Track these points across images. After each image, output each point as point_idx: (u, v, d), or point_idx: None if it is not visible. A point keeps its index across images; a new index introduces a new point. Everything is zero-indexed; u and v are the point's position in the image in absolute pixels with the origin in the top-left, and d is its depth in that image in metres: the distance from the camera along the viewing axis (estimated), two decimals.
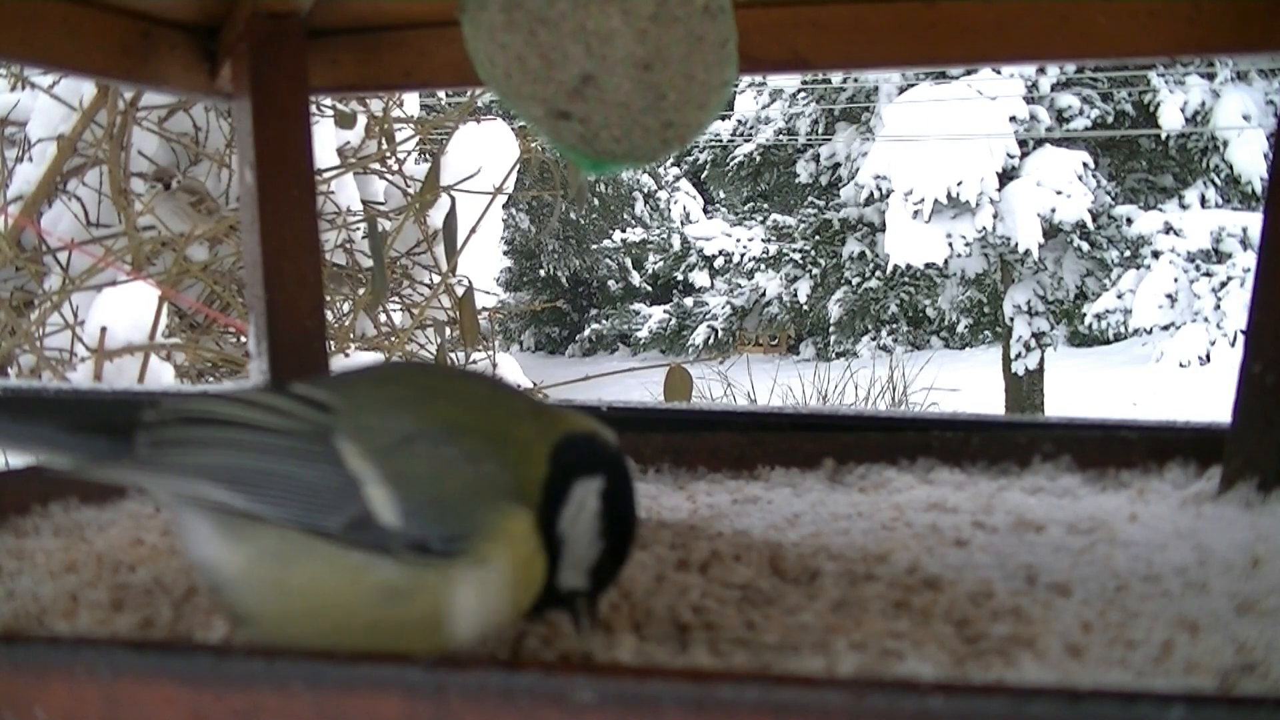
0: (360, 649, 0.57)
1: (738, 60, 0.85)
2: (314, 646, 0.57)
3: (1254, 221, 9.12)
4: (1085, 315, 10.44)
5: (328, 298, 2.99)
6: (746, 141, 12.95)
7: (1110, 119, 10.60)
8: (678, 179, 16.07)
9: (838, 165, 11.94)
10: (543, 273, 16.59)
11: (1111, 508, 0.97)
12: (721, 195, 15.78)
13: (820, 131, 12.34)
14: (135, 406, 0.64)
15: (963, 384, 9.05)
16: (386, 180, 3.41)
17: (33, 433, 0.63)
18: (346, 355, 3.01)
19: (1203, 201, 10.73)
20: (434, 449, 0.60)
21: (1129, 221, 10.22)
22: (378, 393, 0.65)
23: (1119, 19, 1.08)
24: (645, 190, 15.99)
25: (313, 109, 1.41)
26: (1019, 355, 10.34)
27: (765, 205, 13.45)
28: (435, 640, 0.60)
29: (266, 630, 0.60)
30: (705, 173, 14.40)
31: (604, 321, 16.66)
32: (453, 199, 2.92)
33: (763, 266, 12.14)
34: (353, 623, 0.59)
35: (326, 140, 3.07)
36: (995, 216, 9.78)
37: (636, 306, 16.10)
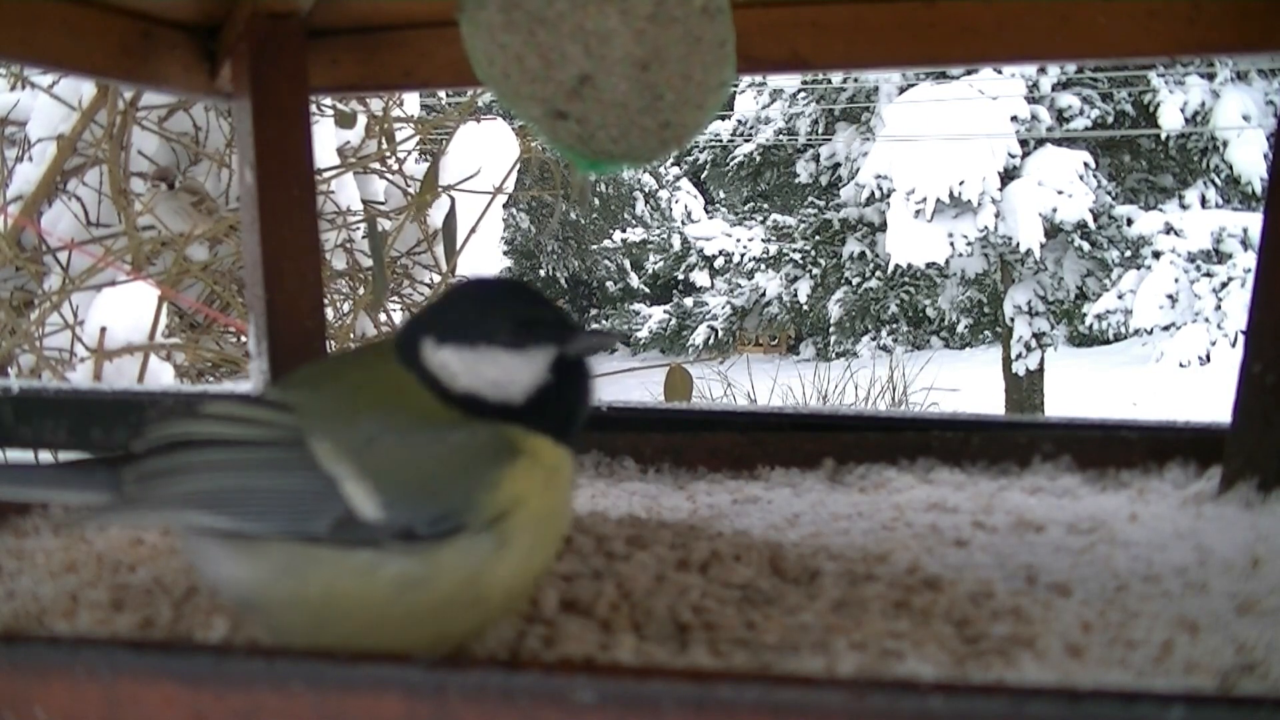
0: (409, 644, 0.57)
1: (736, 61, 0.85)
2: (319, 646, 0.58)
3: (1254, 222, 9.11)
4: (1086, 315, 10.44)
5: (327, 298, 3.00)
6: (746, 141, 12.95)
7: (1110, 119, 10.60)
8: (678, 179, 16.07)
9: (838, 165, 11.93)
10: (542, 273, 16.59)
11: (1111, 508, 0.97)
12: (721, 195, 15.78)
13: (820, 131, 12.33)
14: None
15: (963, 384, 9.05)
16: (386, 180, 3.41)
17: (32, 493, 0.71)
18: None
19: (1203, 202, 10.72)
20: (400, 438, 0.60)
21: (1129, 222, 10.22)
22: (331, 388, 0.65)
23: (1119, 19, 1.08)
24: (646, 190, 16.00)
25: (313, 109, 1.41)
26: (1019, 355, 10.34)
27: (765, 205, 13.45)
28: (483, 611, 0.60)
29: (307, 642, 0.60)
30: (705, 173, 14.39)
31: (604, 322, 16.64)
32: (452, 199, 2.92)
33: (763, 266, 12.14)
34: (384, 619, 0.59)
35: (326, 140, 3.07)
36: (997, 216, 9.78)
37: (636, 307, 16.10)
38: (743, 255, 12.23)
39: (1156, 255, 9.95)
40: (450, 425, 0.61)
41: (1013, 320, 10.39)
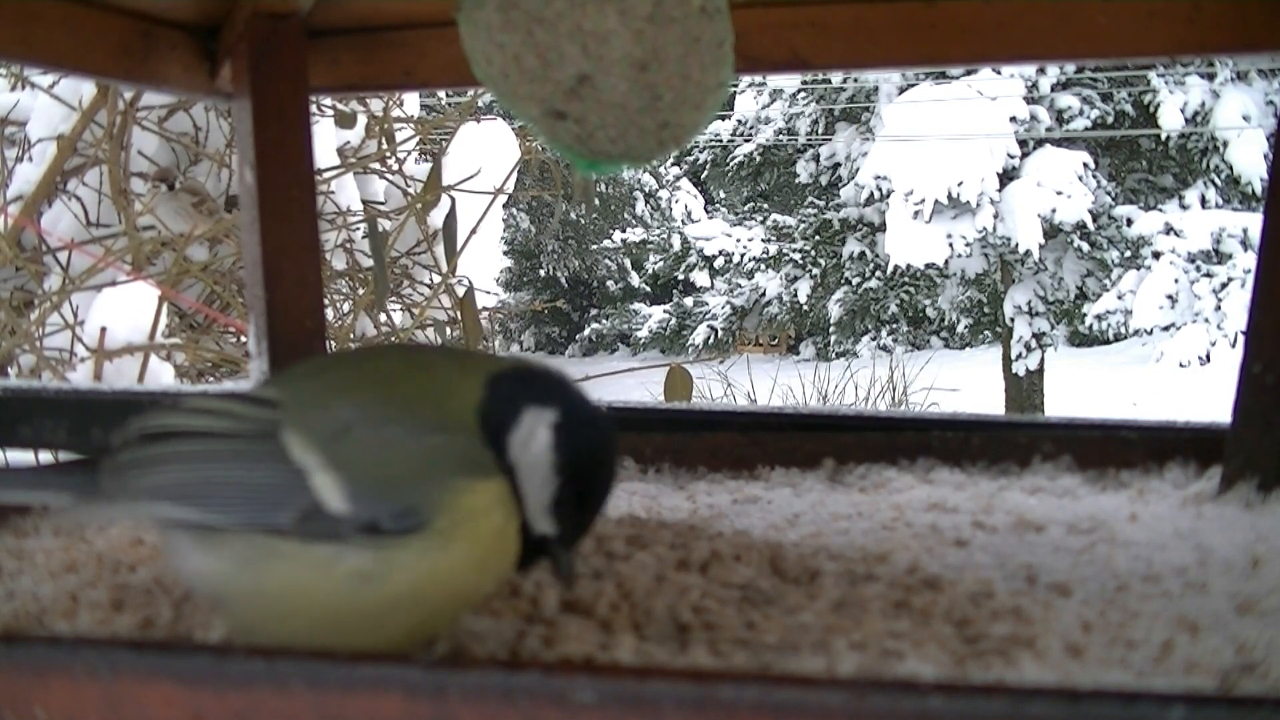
0: (356, 643, 0.57)
1: (734, 61, 0.85)
2: (313, 647, 0.58)
3: (1254, 222, 9.11)
4: (1085, 315, 10.44)
5: (327, 298, 3.00)
6: (746, 141, 12.94)
7: (1110, 119, 10.59)
8: (678, 179, 16.08)
9: (838, 165, 11.93)
10: (543, 273, 16.59)
11: (1111, 508, 0.97)
12: (721, 195, 15.78)
13: (820, 131, 12.33)
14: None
15: (963, 384, 9.04)
16: (387, 180, 3.41)
17: (8, 495, 0.71)
18: None
19: (1203, 202, 10.72)
20: (376, 430, 0.60)
21: (1129, 222, 10.22)
22: (320, 381, 0.65)
23: (1119, 19, 1.08)
24: (646, 190, 16.00)
25: (313, 109, 1.41)
26: (1019, 355, 10.34)
27: (765, 205, 13.45)
28: (423, 617, 0.60)
29: (266, 637, 0.60)
30: (705, 173, 14.39)
31: (604, 321, 16.66)
32: (453, 199, 2.92)
33: (763, 266, 12.13)
34: (337, 615, 0.59)
35: (326, 140, 3.06)
36: (995, 217, 9.77)
37: (636, 306, 16.11)
38: (743, 255, 12.22)
39: (1156, 255, 9.95)
40: (435, 428, 0.61)
41: (1013, 320, 10.39)
